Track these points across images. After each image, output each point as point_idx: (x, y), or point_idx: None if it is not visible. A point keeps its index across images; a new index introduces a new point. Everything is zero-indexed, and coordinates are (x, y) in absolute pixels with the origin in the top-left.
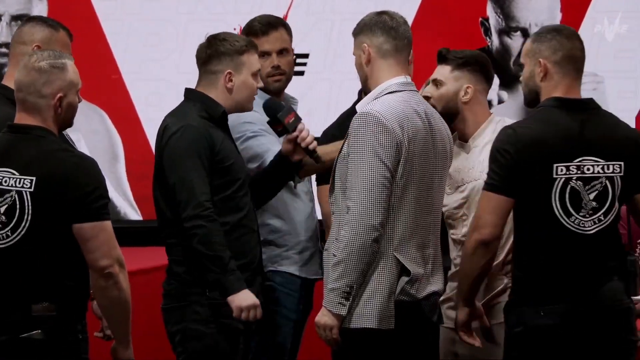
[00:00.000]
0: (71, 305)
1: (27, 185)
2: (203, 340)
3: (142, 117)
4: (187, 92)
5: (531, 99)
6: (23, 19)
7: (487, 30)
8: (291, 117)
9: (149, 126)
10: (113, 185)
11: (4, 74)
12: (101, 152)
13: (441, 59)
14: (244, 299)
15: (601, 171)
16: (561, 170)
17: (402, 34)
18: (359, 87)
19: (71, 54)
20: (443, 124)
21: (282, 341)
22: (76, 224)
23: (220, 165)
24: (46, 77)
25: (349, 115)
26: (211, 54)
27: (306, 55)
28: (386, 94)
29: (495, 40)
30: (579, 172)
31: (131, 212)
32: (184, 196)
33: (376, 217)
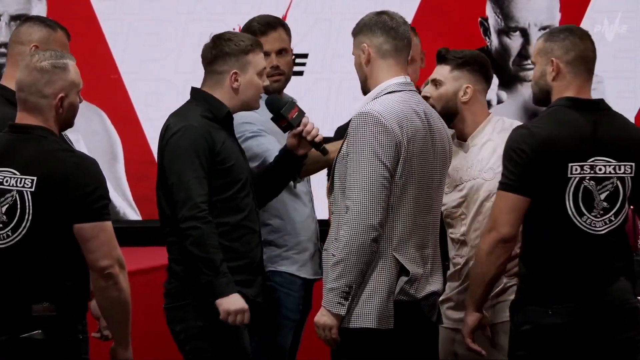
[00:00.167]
0: (71, 306)
1: (28, 185)
2: (209, 338)
3: (141, 117)
4: (193, 92)
5: (541, 97)
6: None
7: (486, 30)
8: (295, 112)
9: (148, 126)
10: (112, 185)
11: (2, 74)
12: (100, 152)
13: (440, 59)
14: (232, 302)
15: (613, 171)
16: (575, 170)
17: (402, 34)
18: (358, 87)
19: (69, 53)
20: (442, 124)
21: (282, 341)
22: (77, 224)
23: (221, 166)
24: (48, 77)
25: None
26: (216, 54)
27: (305, 56)
28: (385, 94)
29: (494, 40)
30: (592, 172)
31: (130, 212)
32: (180, 196)
33: (375, 217)
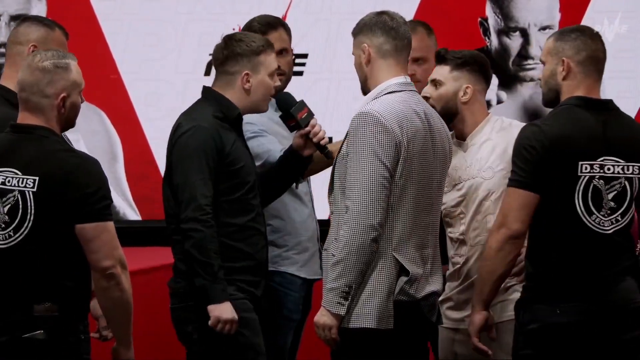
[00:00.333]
0: (73, 306)
1: (29, 185)
2: (225, 338)
3: (140, 117)
4: (205, 91)
5: (550, 97)
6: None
7: (486, 31)
8: (304, 113)
9: (148, 126)
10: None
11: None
12: (100, 152)
13: (440, 59)
14: (225, 310)
15: (621, 172)
16: (585, 169)
17: (402, 34)
18: (358, 87)
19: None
20: (442, 124)
21: (282, 341)
22: (79, 224)
23: (231, 168)
24: (50, 77)
25: None
26: (228, 55)
27: (305, 56)
28: (385, 94)
29: (494, 41)
30: (601, 171)
31: (130, 212)
32: (185, 196)
33: (375, 217)
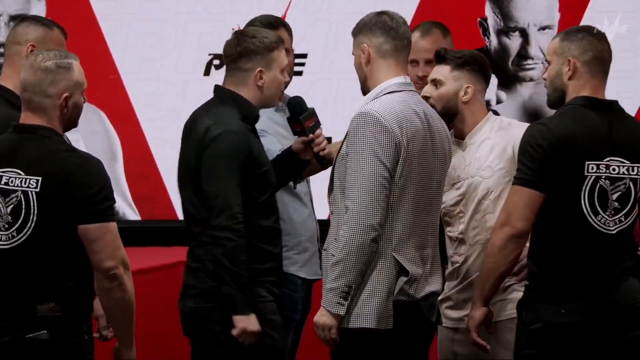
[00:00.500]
0: (76, 306)
1: (32, 185)
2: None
3: (140, 117)
4: (219, 91)
5: (556, 97)
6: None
7: (485, 31)
8: (312, 121)
9: (148, 126)
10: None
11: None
12: (100, 152)
13: (440, 59)
14: (252, 323)
15: (626, 172)
16: (592, 168)
17: (402, 34)
18: (358, 87)
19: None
20: (442, 124)
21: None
22: (81, 224)
23: (259, 171)
24: (52, 77)
25: None
26: (241, 52)
27: (305, 56)
28: (385, 94)
29: (493, 40)
30: (607, 171)
31: (130, 212)
32: (218, 203)
33: (375, 217)
